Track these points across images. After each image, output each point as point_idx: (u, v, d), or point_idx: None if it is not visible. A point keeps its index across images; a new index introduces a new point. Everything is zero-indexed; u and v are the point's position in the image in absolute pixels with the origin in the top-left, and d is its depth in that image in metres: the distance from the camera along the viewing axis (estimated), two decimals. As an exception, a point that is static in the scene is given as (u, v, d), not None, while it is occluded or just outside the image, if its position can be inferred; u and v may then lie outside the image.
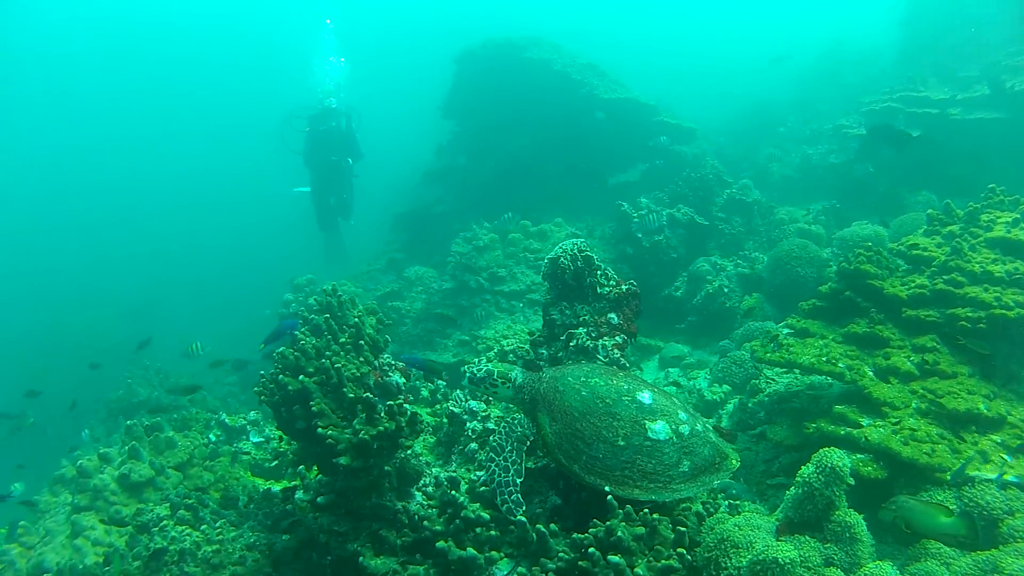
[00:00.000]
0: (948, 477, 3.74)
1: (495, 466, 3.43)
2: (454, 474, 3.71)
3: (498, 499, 3.32)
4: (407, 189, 15.78)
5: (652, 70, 24.98)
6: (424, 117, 15.85)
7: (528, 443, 3.52)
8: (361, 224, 14.22)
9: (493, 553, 3.08)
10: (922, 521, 3.51)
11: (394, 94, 31.19)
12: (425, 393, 6.21)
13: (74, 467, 5.14)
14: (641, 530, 2.90)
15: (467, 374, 3.81)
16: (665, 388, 6.75)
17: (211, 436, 6.52)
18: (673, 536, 2.93)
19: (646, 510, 3.00)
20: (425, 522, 3.27)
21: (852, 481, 3.50)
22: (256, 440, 6.83)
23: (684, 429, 3.44)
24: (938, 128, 9.55)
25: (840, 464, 3.47)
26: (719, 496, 4.53)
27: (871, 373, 4.35)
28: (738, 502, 4.31)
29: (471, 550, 3.01)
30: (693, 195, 10.58)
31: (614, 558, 2.66)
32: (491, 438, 3.61)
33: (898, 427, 3.90)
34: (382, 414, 3.41)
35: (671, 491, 3.32)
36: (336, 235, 13.67)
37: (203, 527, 3.91)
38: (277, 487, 5.06)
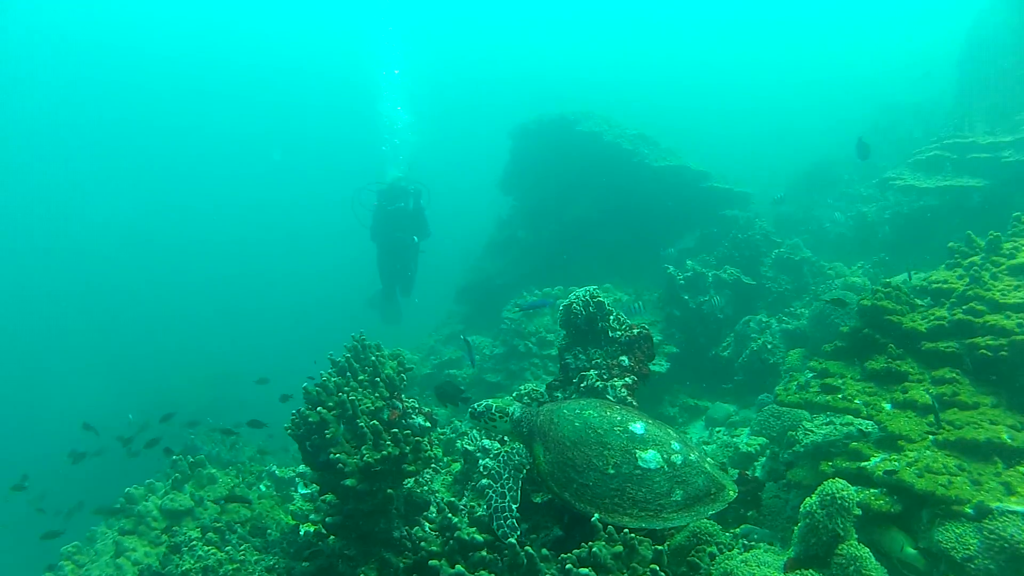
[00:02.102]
0: (968, 509, 3.58)
1: (492, 492, 3.56)
2: (453, 500, 3.85)
3: (494, 524, 3.43)
4: (470, 260, 16.34)
5: (710, 133, 25.29)
6: (486, 189, 16.60)
7: (524, 471, 3.65)
8: (424, 295, 14.71)
9: (483, 573, 3.18)
10: (888, 546, 3.47)
11: (458, 166, 32.56)
12: (460, 445, 6.37)
13: (123, 496, 5.60)
14: (620, 549, 2.96)
15: (469, 410, 4.01)
16: (703, 446, 6.65)
17: (261, 487, 6.85)
18: (651, 555, 2.96)
19: (627, 530, 3.05)
20: (423, 543, 3.42)
21: (859, 512, 3.42)
22: (304, 492, 7.12)
23: (676, 459, 3.49)
24: (993, 173, 9.28)
25: (843, 495, 3.39)
26: (740, 540, 4.43)
27: (888, 407, 4.26)
28: (753, 543, 4.21)
29: (459, 567, 3.13)
30: (740, 256, 10.63)
31: (583, 570, 2.73)
32: (491, 467, 3.75)
33: (913, 459, 3.79)
34: (387, 441, 3.65)
35: (662, 519, 3.35)
36: (395, 307, 14.17)
37: (228, 548, 4.18)
38: (311, 528, 5.29)
